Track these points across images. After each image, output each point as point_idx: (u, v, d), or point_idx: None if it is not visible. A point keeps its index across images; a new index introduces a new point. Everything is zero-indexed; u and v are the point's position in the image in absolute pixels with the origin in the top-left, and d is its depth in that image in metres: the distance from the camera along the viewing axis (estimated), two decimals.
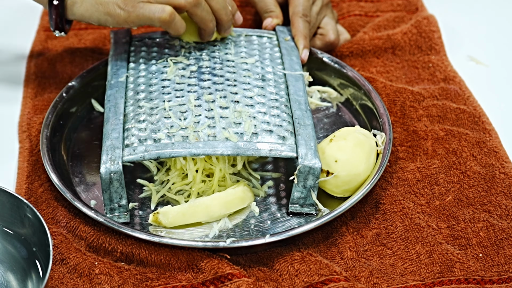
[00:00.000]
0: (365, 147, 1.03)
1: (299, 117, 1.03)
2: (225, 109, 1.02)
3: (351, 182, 1.02)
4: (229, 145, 0.99)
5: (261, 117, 1.02)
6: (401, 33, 1.27)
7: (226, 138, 0.99)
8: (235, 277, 0.95)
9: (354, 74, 1.17)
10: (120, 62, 1.11)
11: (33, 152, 1.10)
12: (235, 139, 0.99)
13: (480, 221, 1.02)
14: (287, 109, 1.04)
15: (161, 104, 1.03)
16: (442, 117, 1.15)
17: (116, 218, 1.00)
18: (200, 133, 0.99)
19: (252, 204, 1.03)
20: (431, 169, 1.08)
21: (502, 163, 1.08)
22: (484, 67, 1.27)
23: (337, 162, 1.02)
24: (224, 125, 1.01)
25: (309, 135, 1.01)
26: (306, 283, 0.95)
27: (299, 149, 0.99)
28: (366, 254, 0.99)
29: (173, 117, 1.01)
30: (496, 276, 0.97)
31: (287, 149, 0.99)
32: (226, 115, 1.02)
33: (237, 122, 1.01)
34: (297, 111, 1.04)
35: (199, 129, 1.00)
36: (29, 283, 0.95)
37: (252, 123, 1.01)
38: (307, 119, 1.03)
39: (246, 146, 0.99)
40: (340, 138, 1.03)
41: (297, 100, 1.06)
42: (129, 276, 0.96)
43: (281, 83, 1.08)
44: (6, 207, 0.96)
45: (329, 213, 1.00)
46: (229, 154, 0.98)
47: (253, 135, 1.00)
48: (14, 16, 1.37)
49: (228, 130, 1.00)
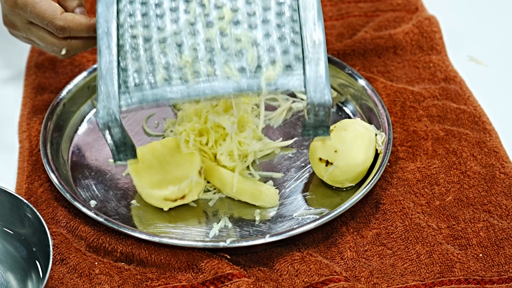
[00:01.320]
0: (364, 139, 1.04)
1: (309, 35, 0.93)
2: (225, 36, 0.94)
3: (349, 172, 1.03)
4: (230, 85, 0.92)
5: (265, 43, 0.93)
6: (402, 32, 1.27)
7: (227, 76, 0.92)
8: (235, 277, 0.95)
9: (354, 74, 1.17)
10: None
11: (33, 152, 1.10)
12: (237, 77, 0.92)
13: (480, 221, 1.02)
14: (295, 25, 0.94)
15: (156, 34, 0.95)
16: (442, 117, 1.15)
17: (123, 156, 0.96)
18: (199, 72, 0.93)
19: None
20: (431, 169, 1.08)
21: (502, 163, 1.08)
22: (484, 67, 1.27)
23: (337, 152, 1.02)
24: (225, 58, 0.93)
25: (319, 59, 0.92)
26: (306, 283, 0.95)
27: (308, 82, 0.92)
28: (366, 254, 0.99)
29: (169, 53, 0.94)
30: (496, 276, 0.97)
31: (295, 81, 0.92)
32: (227, 45, 0.93)
33: (238, 53, 0.93)
34: (308, 23, 0.93)
35: (197, 67, 0.93)
36: (29, 283, 0.95)
37: (255, 54, 0.93)
38: (318, 33, 0.93)
39: (249, 83, 0.92)
40: (341, 129, 1.04)
41: (308, 7, 0.94)
42: (129, 276, 0.96)
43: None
44: (6, 207, 0.96)
45: (329, 213, 1.00)
46: (230, 94, 0.92)
47: (257, 68, 0.92)
48: None
49: (229, 66, 0.93)
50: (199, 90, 0.92)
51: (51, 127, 1.10)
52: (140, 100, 0.93)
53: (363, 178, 1.05)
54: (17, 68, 1.26)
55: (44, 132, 1.08)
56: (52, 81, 1.22)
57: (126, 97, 0.93)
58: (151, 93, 0.93)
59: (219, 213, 1.04)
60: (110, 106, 0.92)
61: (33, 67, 1.24)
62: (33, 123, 1.14)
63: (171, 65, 0.93)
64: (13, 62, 1.27)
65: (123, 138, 0.94)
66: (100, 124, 0.93)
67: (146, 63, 0.94)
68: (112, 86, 0.93)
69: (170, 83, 0.93)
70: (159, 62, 0.94)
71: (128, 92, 0.93)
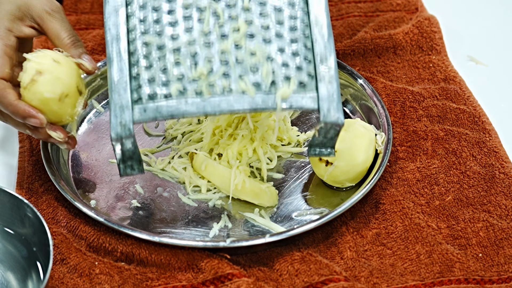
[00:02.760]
0: (364, 139, 1.04)
1: (321, 52, 0.93)
2: (239, 49, 0.92)
3: (349, 172, 1.03)
4: (246, 101, 0.91)
5: (279, 58, 0.93)
6: (402, 33, 1.27)
7: (243, 91, 0.91)
8: (235, 277, 0.95)
9: (354, 74, 1.17)
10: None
11: (33, 152, 1.10)
12: (252, 93, 0.91)
13: (480, 221, 1.02)
14: (307, 41, 0.94)
15: (169, 42, 0.93)
16: (442, 117, 1.15)
17: (130, 170, 0.96)
18: (214, 85, 0.91)
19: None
20: (431, 169, 1.08)
21: (502, 163, 1.08)
22: (484, 67, 1.27)
23: (337, 152, 1.02)
24: (240, 72, 0.92)
25: (332, 78, 0.92)
26: (306, 283, 0.95)
27: (321, 102, 0.92)
28: (366, 254, 0.99)
29: (183, 63, 0.92)
30: (496, 276, 0.97)
31: (308, 99, 0.92)
32: (242, 58, 0.92)
33: (254, 68, 0.92)
34: (319, 41, 0.93)
35: (213, 80, 0.91)
36: (29, 283, 0.95)
37: (270, 69, 0.92)
38: (329, 52, 0.93)
39: (264, 100, 0.91)
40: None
41: (319, 23, 0.94)
42: (129, 276, 0.96)
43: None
44: (7, 207, 0.96)
45: (329, 213, 1.00)
46: (246, 111, 0.91)
47: (272, 84, 0.92)
48: None
49: (244, 80, 0.92)
50: (214, 104, 0.91)
51: None
52: (154, 112, 0.91)
53: (363, 178, 1.05)
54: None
55: None
56: None
57: (140, 108, 0.91)
58: (166, 105, 0.91)
59: (219, 213, 1.04)
60: (124, 118, 0.91)
61: None
62: None
63: (185, 76, 0.92)
64: None
65: (133, 153, 0.94)
66: (113, 136, 0.91)
67: (159, 72, 0.92)
68: (125, 96, 0.91)
69: (185, 96, 0.91)
70: (173, 73, 0.92)
71: (142, 103, 0.91)
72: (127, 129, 0.91)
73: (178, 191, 1.06)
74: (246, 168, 1.04)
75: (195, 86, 0.91)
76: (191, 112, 0.91)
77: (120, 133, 0.91)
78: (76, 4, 1.37)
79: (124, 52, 0.92)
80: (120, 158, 0.95)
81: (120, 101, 0.91)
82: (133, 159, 0.95)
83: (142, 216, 1.03)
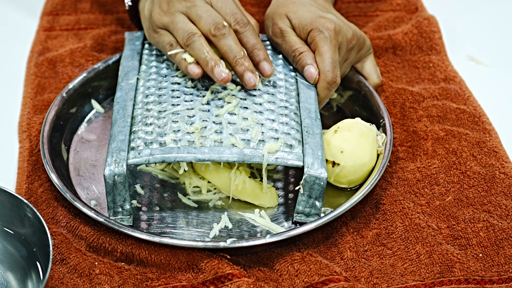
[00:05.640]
0: (369, 138, 1.04)
1: (308, 126, 1.02)
2: (233, 115, 1.01)
3: (356, 172, 1.03)
4: (235, 152, 0.98)
5: (269, 124, 1.00)
6: (402, 33, 1.27)
7: (232, 144, 0.98)
8: (235, 277, 0.95)
9: (354, 75, 1.17)
10: (131, 64, 1.11)
11: (33, 152, 1.10)
12: (241, 146, 0.98)
13: (480, 221, 1.02)
14: (296, 117, 1.03)
15: (170, 108, 1.02)
16: (442, 117, 1.15)
17: (119, 221, 1.00)
18: (206, 138, 0.99)
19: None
20: (431, 169, 1.08)
21: (502, 163, 1.08)
22: (484, 67, 1.27)
23: (343, 153, 1.02)
24: (231, 131, 0.99)
25: (317, 144, 1.00)
26: (306, 283, 0.95)
27: (306, 158, 0.98)
28: (366, 254, 0.99)
29: (180, 122, 1.00)
30: (496, 276, 0.97)
31: (294, 157, 0.98)
32: (234, 121, 1.00)
33: (244, 129, 1.00)
34: (307, 119, 1.03)
35: (205, 134, 0.99)
36: (29, 283, 0.95)
37: (260, 130, 0.99)
38: (316, 128, 1.02)
39: (252, 153, 0.98)
40: (345, 129, 1.04)
41: (307, 108, 1.04)
42: (129, 276, 0.96)
43: (292, 90, 1.07)
44: (6, 207, 0.96)
45: (329, 213, 1.00)
46: (234, 161, 0.97)
47: (260, 142, 0.99)
48: (14, 16, 1.37)
49: (235, 136, 0.99)
50: (205, 152, 0.97)
51: (51, 127, 1.10)
52: (148, 156, 0.98)
53: None
54: (17, 68, 1.26)
55: (44, 132, 1.08)
56: (52, 81, 1.22)
57: (135, 152, 0.98)
58: (159, 150, 0.98)
59: (219, 213, 1.03)
60: (119, 157, 0.98)
61: (33, 67, 1.24)
62: (33, 123, 1.14)
63: (181, 130, 0.99)
64: (13, 62, 1.27)
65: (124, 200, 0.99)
66: (107, 172, 0.97)
67: (157, 127, 1.00)
68: (122, 143, 0.99)
69: (177, 144, 0.98)
70: (170, 127, 1.00)
71: (137, 148, 0.99)
72: (121, 167, 0.97)
73: (179, 191, 1.06)
74: (246, 169, 1.04)
75: (189, 137, 0.99)
76: (183, 157, 0.97)
77: (113, 170, 0.97)
78: (76, 4, 1.37)
79: (128, 116, 1.03)
80: (110, 200, 0.99)
81: (118, 147, 0.99)
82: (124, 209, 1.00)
83: (142, 216, 1.03)
